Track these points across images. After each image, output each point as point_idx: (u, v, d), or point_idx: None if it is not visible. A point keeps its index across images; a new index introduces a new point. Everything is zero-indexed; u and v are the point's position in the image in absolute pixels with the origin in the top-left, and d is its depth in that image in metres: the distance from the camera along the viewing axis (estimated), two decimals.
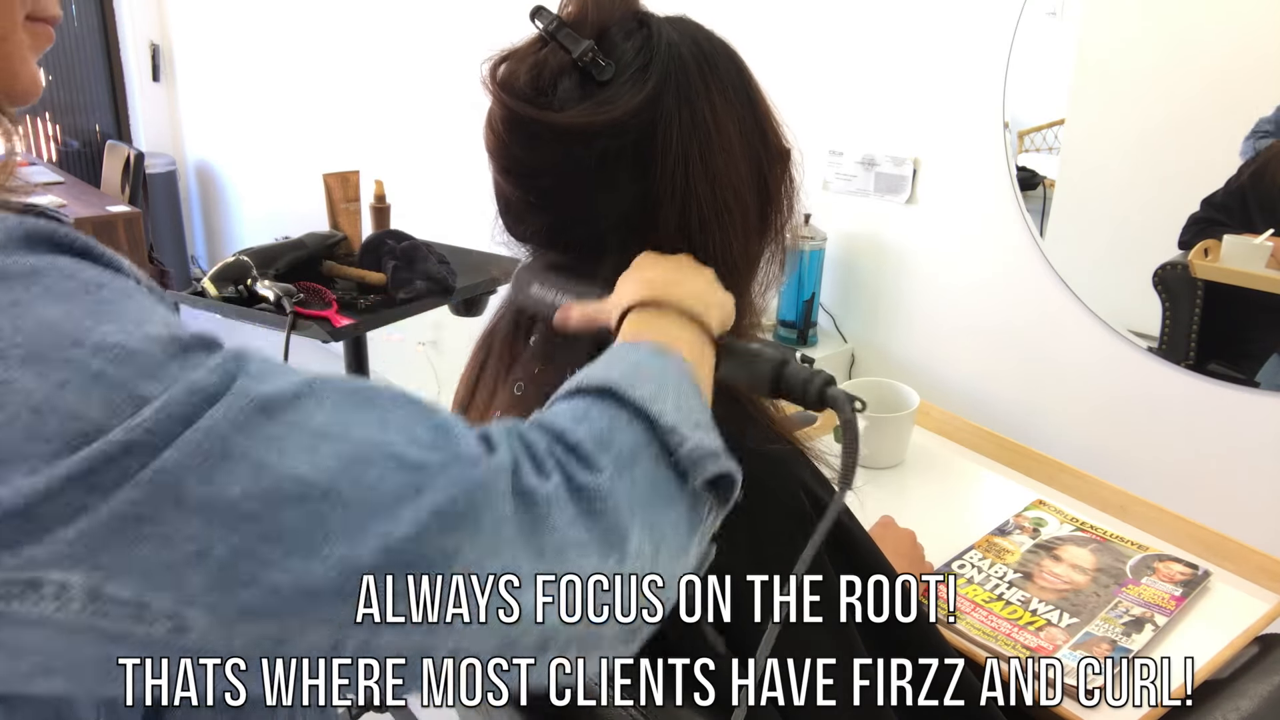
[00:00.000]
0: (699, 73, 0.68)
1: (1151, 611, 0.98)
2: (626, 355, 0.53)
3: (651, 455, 0.48)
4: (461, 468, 0.42)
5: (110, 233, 2.93)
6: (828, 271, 2.03)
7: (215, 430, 0.38)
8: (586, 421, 0.47)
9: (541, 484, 0.43)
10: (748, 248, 0.72)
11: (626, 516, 0.45)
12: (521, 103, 0.66)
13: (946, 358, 1.93)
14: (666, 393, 0.50)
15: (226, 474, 0.38)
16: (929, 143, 1.86)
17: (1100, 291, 1.68)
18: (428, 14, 2.86)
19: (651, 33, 0.68)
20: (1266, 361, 1.52)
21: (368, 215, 1.80)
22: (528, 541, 0.42)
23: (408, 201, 2.34)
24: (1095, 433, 1.72)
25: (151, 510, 0.37)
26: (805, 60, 2.00)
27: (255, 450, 0.39)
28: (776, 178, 0.73)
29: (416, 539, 0.39)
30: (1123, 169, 1.66)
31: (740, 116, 0.70)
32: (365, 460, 0.40)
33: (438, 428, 0.43)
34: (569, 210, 0.70)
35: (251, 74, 3.88)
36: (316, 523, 0.39)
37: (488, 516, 0.41)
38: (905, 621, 0.76)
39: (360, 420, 0.42)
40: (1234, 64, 1.47)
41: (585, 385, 0.50)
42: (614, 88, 0.66)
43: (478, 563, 0.40)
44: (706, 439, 0.49)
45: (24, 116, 4.39)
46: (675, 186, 0.67)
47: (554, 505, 0.43)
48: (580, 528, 0.44)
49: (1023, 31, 1.67)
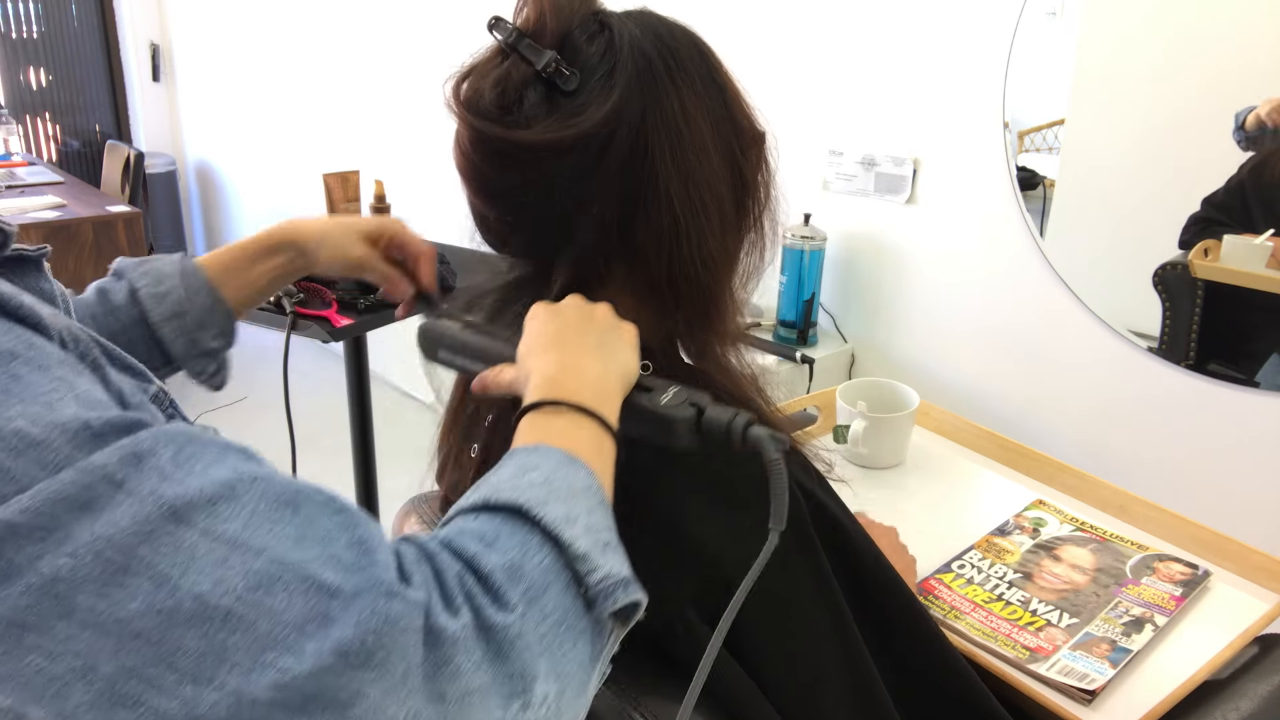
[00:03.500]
0: (664, 69, 0.66)
1: (1151, 611, 0.98)
2: (535, 465, 0.50)
3: (562, 584, 0.45)
4: (373, 598, 0.38)
5: (110, 233, 2.93)
6: (828, 271, 2.03)
7: (116, 539, 0.36)
8: (497, 548, 0.44)
9: (450, 622, 0.40)
10: (726, 243, 0.71)
11: (533, 658, 0.42)
12: (488, 123, 0.65)
13: (946, 358, 1.93)
14: (577, 513, 0.47)
15: (124, 589, 0.35)
16: (929, 143, 1.87)
17: (1100, 291, 1.68)
18: (427, 14, 2.86)
19: (614, 34, 0.66)
20: (1266, 361, 1.52)
21: (368, 215, 1.80)
22: (431, 686, 0.39)
23: (408, 201, 2.34)
24: (1095, 432, 1.72)
25: (38, 619, 0.35)
26: (805, 60, 2.00)
27: (159, 563, 0.36)
28: (752, 164, 0.72)
29: (315, 676, 0.36)
30: (1123, 169, 1.66)
31: (710, 107, 0.68)
32: (274, 580, 0.37)
33: (360, 544, 0.41)
34: (546, 225, 0.69)
35: (251, 74, 3.89)
36: (213, 649, 0.36)
37: (398, 658, 0.38)
38: (907, 624, 0.77)
39: (277, 531, 0.39)
40: (1234, 64, 1.46)
41: (494, 502, 0.47)
42: (581, 96, 0.64)
43: (378, 708, 0.37)
44: (616, 565, 0.47)
45: (24, 116, 4.39)
46: (649, 190, 0.66)
47: (461, 647, 0.40)
48: (486, 672, 0.40)
49: (1023, 31, 1.67)
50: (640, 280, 0.70)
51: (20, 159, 3.84)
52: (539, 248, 0.71)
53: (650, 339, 0.76)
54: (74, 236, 2.87)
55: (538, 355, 0.60)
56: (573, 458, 0.51)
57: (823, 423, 1.37)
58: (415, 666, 0.38)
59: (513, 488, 0.47)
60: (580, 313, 0.64)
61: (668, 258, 0.68)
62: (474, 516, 0.47)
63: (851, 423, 1.25)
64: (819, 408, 1.39)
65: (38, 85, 4.41)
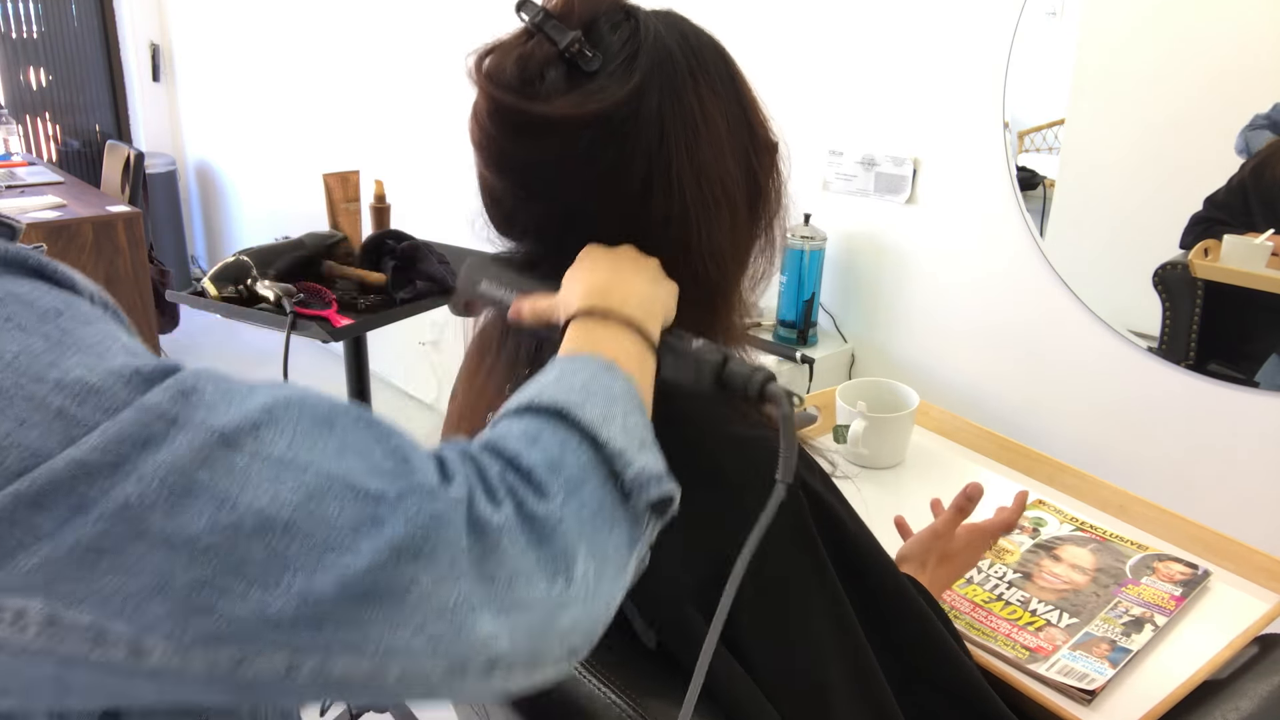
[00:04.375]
0: (686, 65, 0.67)
1: (1151, 611, 0.98)
2: (576, 371, 0.54)
3: (600, 478, 0.49)
4: (419, 499, 0.42)
5: (110, 233, 2.93)
6: (828, 271, 2.03)
7: (178, 465, 0.39)
8: (539, 446, 0.48)
9: (494, 513, 0.44)
10: (736, 241, 0.72)
11: (574, 541, 0.46)
12: (508, 94, 0.66)
13: (946, 358, 1.93)
14: (615, 414, 0.51)
15: (190, 510, 0.38)
16: (929, 143, 1.87)
17: (1100, 291, 1.68)
18: (427, 14, 2.86)
19: (639, 25, 0.67)
20: (1266, 361, 1.52)
21: (368, 215, 1.80)
22: (480, 571, 0.43)
23: (408, 201, 2.34)
24: (1095, 432, 1.72)
25: (114, 543, 0.38)
26: (805, 60, 2.01)
27: (218, 484, 0.39)
28: (765, 171, 0.73)
29: (373, 571, 0.40)
30: (1123, 169, 1.66)
31: (727, 110, 0.69)
32: (324, 492, 0.41)
33: (396, 452, 0.44)
34: (555, 206, 0.69)
35: (251, 74, 3.89)
36: (276, 556, 0.39)
37: (443, 549, 0.42)
38: (909, 623, 0.77)
39: (320, 448, 0.42)
40: (1234, 63, 1.46)
41: (536, 404, 0.51)
42: (601, 79, 0.65)
43: (431, 593, 0.41)
44: (651, 461, 0.51)
45: (24, 116, 4.40)
46: (662, 180, 0.67)
47: (505, 534, 0.44)
48: (530, 556, 0.44)
49: (1023, 31, 1.67)
50: None
51: (20, 159, 3.84)
52: (546, 226, 0.71)
53: None
54: (74, 236, 2.86)
55: (587, 273, 0.63)
56: (613, 365, 0.55)
57: (823, 423, 1.37)
58: (461, 553, 0.42)
59: (554, 392, 0.51)
60: (634, 253, 0.67)
61: (675, 248, 0.68)
62: (518, 418, 0.50)
63: (851, 423, 1.25)
64: (819, 408, 1.39)
65: (38, 85, 4.41)
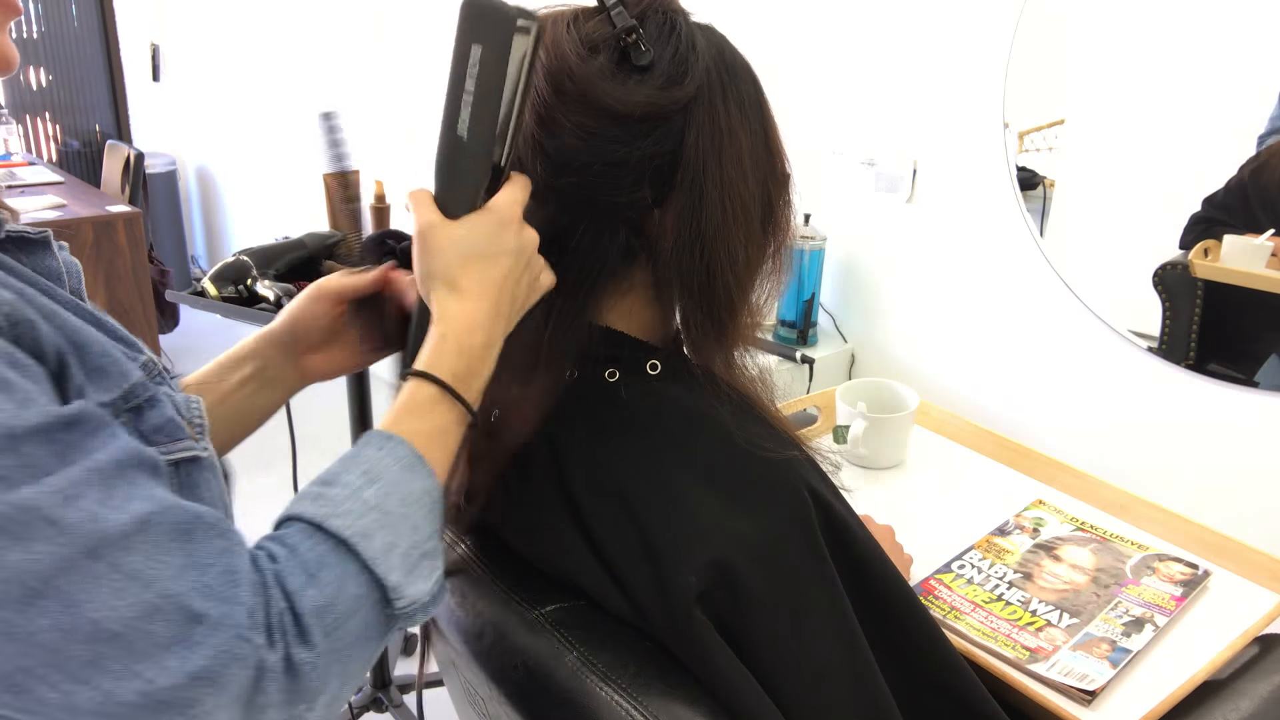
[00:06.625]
0: (721, 82, 0.69)
1: (1151, 611, 0.98)
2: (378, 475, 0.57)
3: (370, 605, 0.54)
4: (227, 637, 0.48)
5: (110, 233, 2.93)
6: (828, 271, 2.03)
7: (40, 572, 0.44)
8: (316, 583, 0.52)
9: (269, 655, 0.49)
10: (749, 258, 0.73)
11: (325, 679, 0.52)
12: (564, 53, 0.67)
13: (946, 357, 1.93)
14: (401, 537, 0.56)
15: (38, 610, 0.44)
16: (929, 143, 1.86)
17: (1100, 291, 1.68)
18: (427, 14, 2.86)
19: (687, 31, 0.69)
20: (1266, 361, 1.52)
21: (368, 215, 1.80)
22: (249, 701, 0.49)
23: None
24: (1095, 432, 1.72)
25: None
26: (806, 61, 2.00)
27: (71, 590, 0.44)
28: (777, 197, 0.75)
29: (173, 689, 0.46)
30: (1123, 169, 1.66)
31: (752, 130, 0.71)
32: (156, 611, 0.46)
33: (229, 573, 0.49)
34: (580, 190, 0.69)
35: (251, 74, 3.88)
36: (97, 660, 0.45)
37: (231, 682, 0.48)
38: (912, 626, 0.77)
39: (170, 561, 0.47)
40: (1234, 63, 1.46)
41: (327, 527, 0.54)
42: (653, 75, 0.67)
43: (210, 713, 0.47)
44: (423, 590, 0.57)
45: (24, 116, 4.40)
46: (687, 188, 0.68)
47: (271, 678, 0.49)
48: (284, 695, 0.50)
49: (1023, 31, 1.67)
50: (658, 274, 0.72)
51: (20, 159, 3.84)
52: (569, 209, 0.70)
53: (655, 337, 0.76)
54: (74, 236, 2.86)
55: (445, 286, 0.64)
56: (416, 459, 0.58)
57: (823, 423, 1.37)
58: (241, 689, 0.48)
59: (347, 511, 0.55)
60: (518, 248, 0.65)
61: (691, 250, 0.69)
62: (308, 535, 0.54)
63: (851, 423, 1.25)
64: (819, 408, 1.39)
65: (38, 85, 4.41)
